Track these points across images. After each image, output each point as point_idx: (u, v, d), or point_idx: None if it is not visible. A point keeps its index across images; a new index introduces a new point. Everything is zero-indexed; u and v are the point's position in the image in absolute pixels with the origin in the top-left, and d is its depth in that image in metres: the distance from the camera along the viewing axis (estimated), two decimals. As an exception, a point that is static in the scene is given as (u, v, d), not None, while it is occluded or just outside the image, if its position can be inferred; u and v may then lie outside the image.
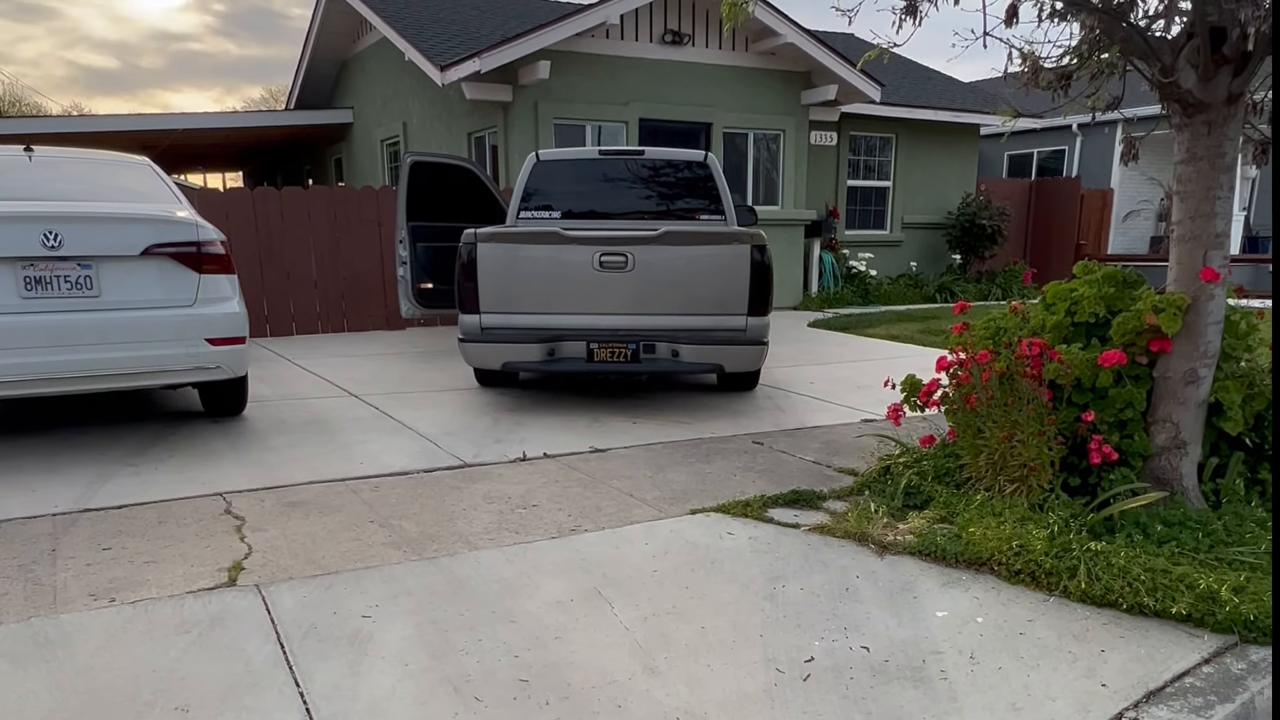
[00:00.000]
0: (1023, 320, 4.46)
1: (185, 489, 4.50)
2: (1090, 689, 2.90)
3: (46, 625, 3.04)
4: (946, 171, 16.87)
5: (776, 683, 2.92)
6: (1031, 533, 3.59)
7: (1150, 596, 3.23)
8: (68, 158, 5.75)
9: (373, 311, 11.03)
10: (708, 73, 12.97)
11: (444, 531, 3.98)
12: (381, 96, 15.88)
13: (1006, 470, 4.04)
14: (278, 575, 3.48)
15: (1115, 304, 4.20)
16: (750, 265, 6.18)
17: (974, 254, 16.80)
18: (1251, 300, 4.75)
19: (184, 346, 5.02)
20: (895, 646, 3.14)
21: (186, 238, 5.04)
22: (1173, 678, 2.96)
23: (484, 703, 2.74)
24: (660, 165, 8.12)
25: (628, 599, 3.41)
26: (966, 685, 2.94)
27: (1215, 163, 3.79)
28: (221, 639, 3.01)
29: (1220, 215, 3.83)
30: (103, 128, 15.50)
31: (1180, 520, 3.71)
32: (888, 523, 4.03)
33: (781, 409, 6.65)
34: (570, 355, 6.20)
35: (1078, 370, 3.98)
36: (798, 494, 4.45)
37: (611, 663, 2.99)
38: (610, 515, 4.23)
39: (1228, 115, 3.75)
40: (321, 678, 2.82)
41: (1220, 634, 3.14)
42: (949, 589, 3.52)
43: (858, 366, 8.58)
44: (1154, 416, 4.04)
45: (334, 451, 5.26)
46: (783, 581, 3.58)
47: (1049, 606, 3.37)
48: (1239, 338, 4.12)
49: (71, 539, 3.82)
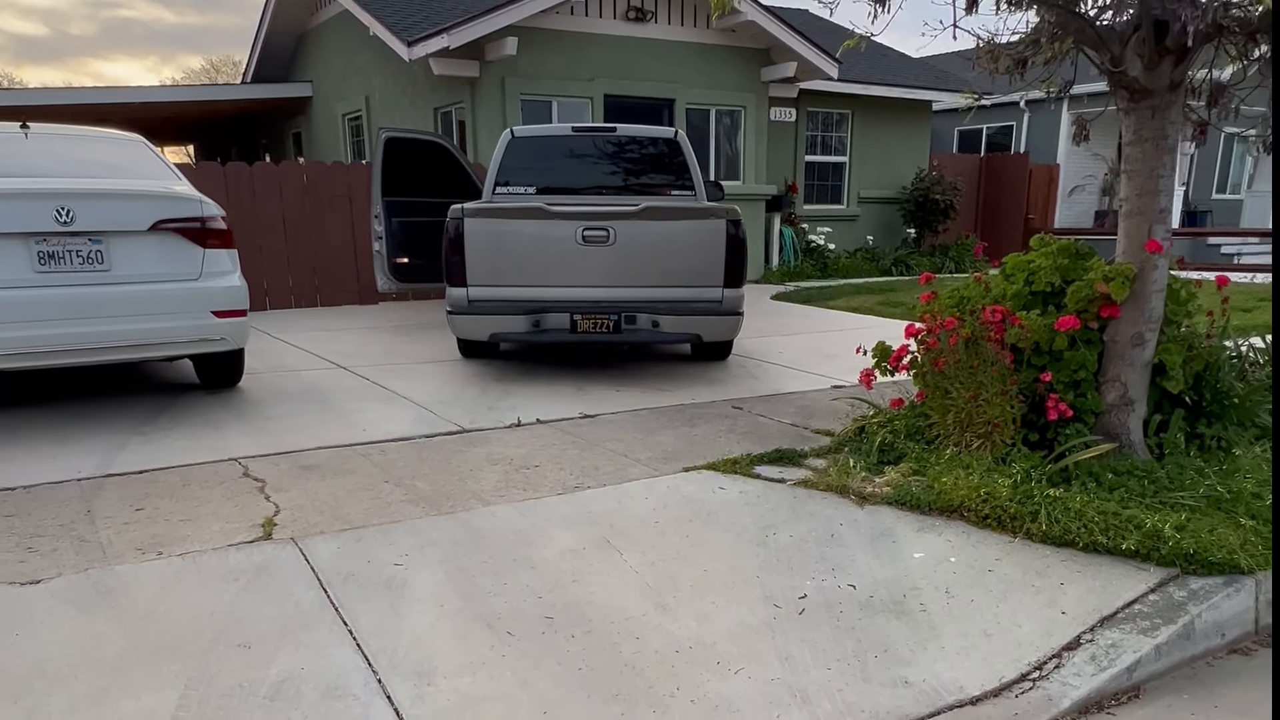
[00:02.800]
0: (985, 289, 4.82)
1: (200, 455, 4.71)
2: (1052, 616, 3.29)
3: (104, 576, 3.28)
4: (901, 147, 17.29)
5: (775, 617, 3.26)
6: (997, 482, 3.97)
7: (1103, 535, 3.62)
8: (64, 134, 5.84)
9: (345, 286, 11.16)
10: (670, 49, 13.20)
11: (456, 490, 4.26)
12: (342, 70, 15.85)
13: (973, 427, 4.41)
14: (309, 530, 3.74)
15: (1069, 274, 4.58)
16: (726, 239, 6.49)
17: (927, 228, 17.28)
18: (1190, 272, 5.15)
19: (191, 319, 5.20)
20: (879, 584, 3.50)
21: (192, 213, 5.21)
22: (1123, 605, 3.35)
23: (516, 637, 3.04)
24: (632, 141, 8.37)
25: (634, 547, 3.72)
26: (943, 616, 3.31)
27: (1159, 144, 4.17)
28: (268, 585, 3.27)
29: (1164, 192, 4.22)
30: (53, 100, 15.29)
31: (1128, 470, 4.11)
32: (865, 477, 4.38)
33: (755, 377, 6.99)
34: (555, 326, 6.47)
35: (1036, 335, 4.36)
36: (780, 453, 4.79)
37: (626, 602, 3.30)
38: (609, 474, 4.53)
39: (1170, 101, 4.12)
40: (366, 618, 3.10)
41: (1164, 567, 3.53)
42: (924, 533, 3.88)
43: (823, 337, 8.96)
44: (1104, 376, 4.43)
45: (335, 419, 5.49)
46: (774, 530, 3.92)
47: (1014, 547, 3.74)
48: (1180, 304, 4.52)
49: (103, 501, 4.03)
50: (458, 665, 2.87)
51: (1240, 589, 3.42)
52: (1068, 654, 3.12)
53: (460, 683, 2.79)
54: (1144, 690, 3.07)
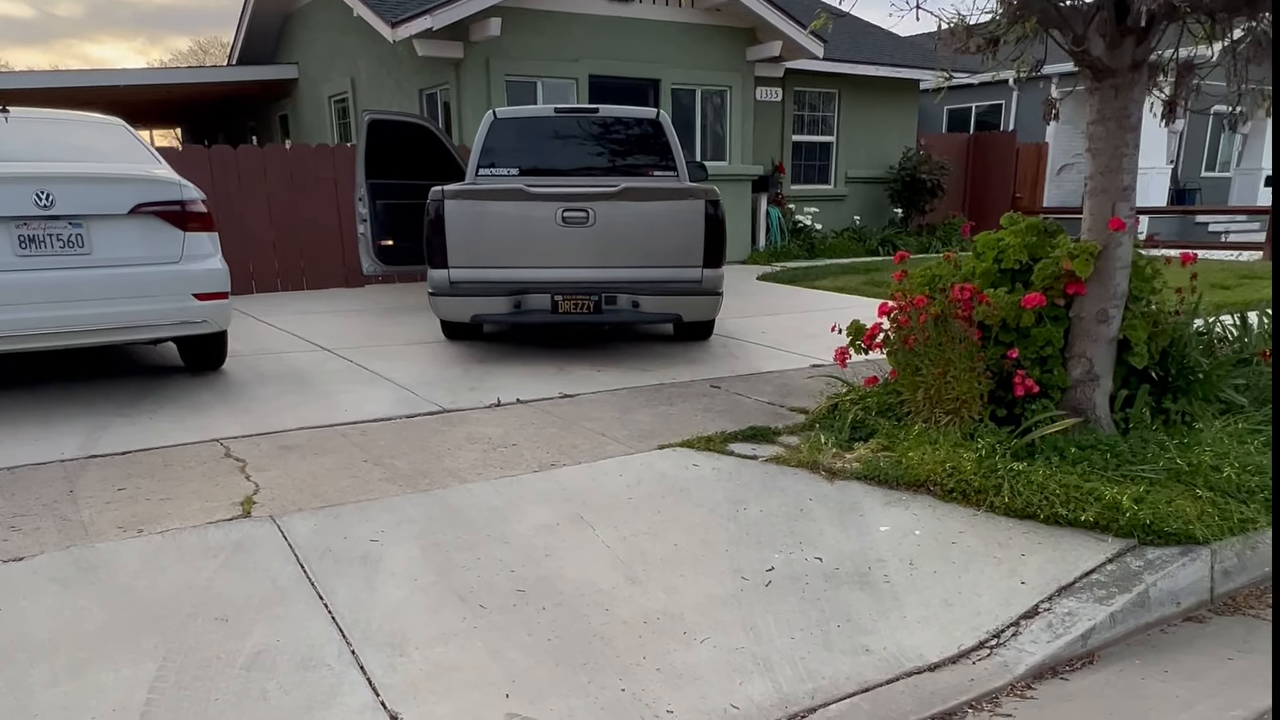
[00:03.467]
0: (955, 268, 4.90)
1: (182, 436, 4.78)
2: (1012, 586, 3.38)
3: (86, 553, 3.35)
4: (888, 127, 17.31)
5: (742, 588, 3.35)
6: (962, 457, 4.06)
7: (1064, 507, 3.71)
8: (44, 119, 5.87)
9: (331, 269, 11.19)
10: (655, 29, 13.19)
11: (434, 468, 4.33)
12: (328, 51, 15.81)
13: (942, 403, 4.50)
14: (288, 507, 3.81)
15: (1037, 252, 4.65)
16: (705, 219, 6.55)
17: (914, 208, 17.34)
18: (1169, 250, 5.23)
19: (172, 301, 5.25)
20: (845, 556, 3.59)
21: (171, 196, 5.25)
22: (1081, 575, 3.45)
23: (488, 609, 3.13)
24: (614, 122, 8.41)
25: (607, 522, 3.80)
26: (906, 586, 3.40)
27: (1122, 123, 4.23)
28: (246, 561, 3.35)
29: (1127, 170, 4.29)
30: (38, 84, 15.23)
31: (1092, 444, 4.20)
32: (836, 453, 4.47)
33: (735, 356, 7.07)
34: (536, 308, 6.53)
35: (1003, 312, 4.43)
36: (754, 430, 4.87)
37: (597, 575, 3.39)
38: (585, 452, 4.61)
39: (1133, 80, 4.18)
40: (342, 591, 3.18)
41: (1123, 538, 3.62)
42: (891, 507, 3.97)
43: (806, 317, 9.03)
44: (1071, 352, 4.51)
45: (317, 400, 5.55)
46: (744, 505, 4.00)
47: (978, 520, 3.83)
48: (1145, 280, 4.60)
49: (85, 481, 4.10)
50: (430, 636, 2.95)
51: (1195, 558, 3.51)
52: (1025, 622, 3.22)
53: (432, 653, 2.87)
54: (1098, 656, 3.16)
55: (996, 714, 2.82)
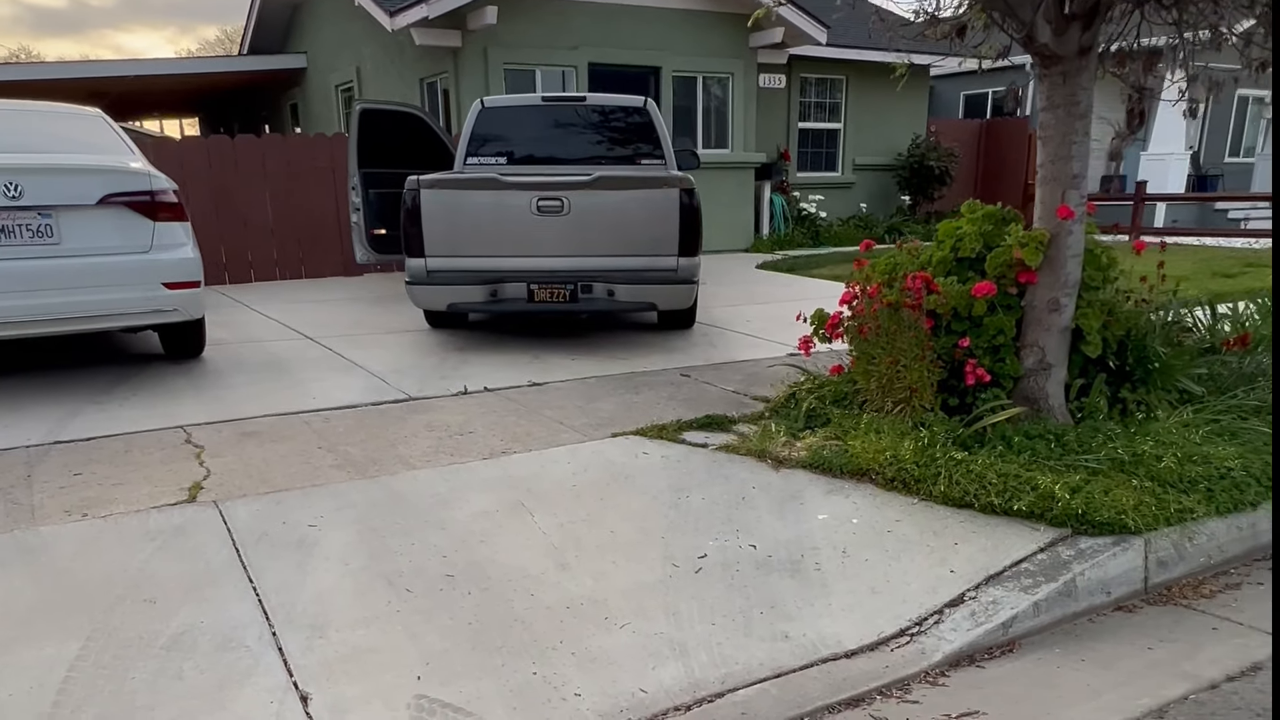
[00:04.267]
0: (914, 257, 4.89)
1: (149, 423, 4.88)
2: (941, 575, 3.40)
3: (27, 536, 3.45)
4: (897, 113, 17.17)
5: (671, 575, 3.39)
6: (904, 446, 4.07)
7: (998, 497, 3.72)
8: (22, 109, 5.98)
9: (329, 258, 11.30)
10: (655, 16, 13.16)
11: (386, 455, 4.40)
12: (335, 41, 15.91)
13: (893, 393, 4.50)
14: (233, 493, 3.89)
15: (993, 240, 4.64)
16: (679, 208, 6.56)
17: (923, 195, 17.22)
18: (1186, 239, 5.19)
19: (141, 290, 5.35)
20: (779, 544, 3.62)
21: (140, 187, 5.34)
22: (1011, 564, 3.45)
23: (414, 593, 3.19)
24: (602, 111, 8.44)
25: (547, 509, 3.85)
26: (836, 574, 3.43)
27: (1071, 110, 4.21)
28: (183, 545, 3.43)
29: (1077, 158, 4.27)
30: (51, 75, 15.45)
31: (1040, 433, 4.19)
32: (786, 441, 4.49)
33: (714, 345, 7.09)
34: (512, 296, 6.58)
35: (953, 301, 4.43)
36: (711, 418, 4.90)
37: (528, 561, 3.44)
38: (539, 439, 4.66)
39: (1080, 66, 4.16)
40: (272, 575, 3.25)
41: (1056, 527, 3.62)
42: (832, 496, 4.00)
43: (796, 305, 8.91)
44: (1023, 341, 4.50)
45: (288, 388, 5.64)
46: (687, 493, 4.04)
47: (916, 509, 3.85)
48: (1100, 269, 4.58)
49: (45, 467, 4.20)
50: (352, 619, 3.01)
51: (1128, 548, 3.51)
52: (949, 610, 3.24)
53: (351, 635, 2.94)
54: (1019, 645, 3.18)
55: (904, 700, 2.85)
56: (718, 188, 13.78)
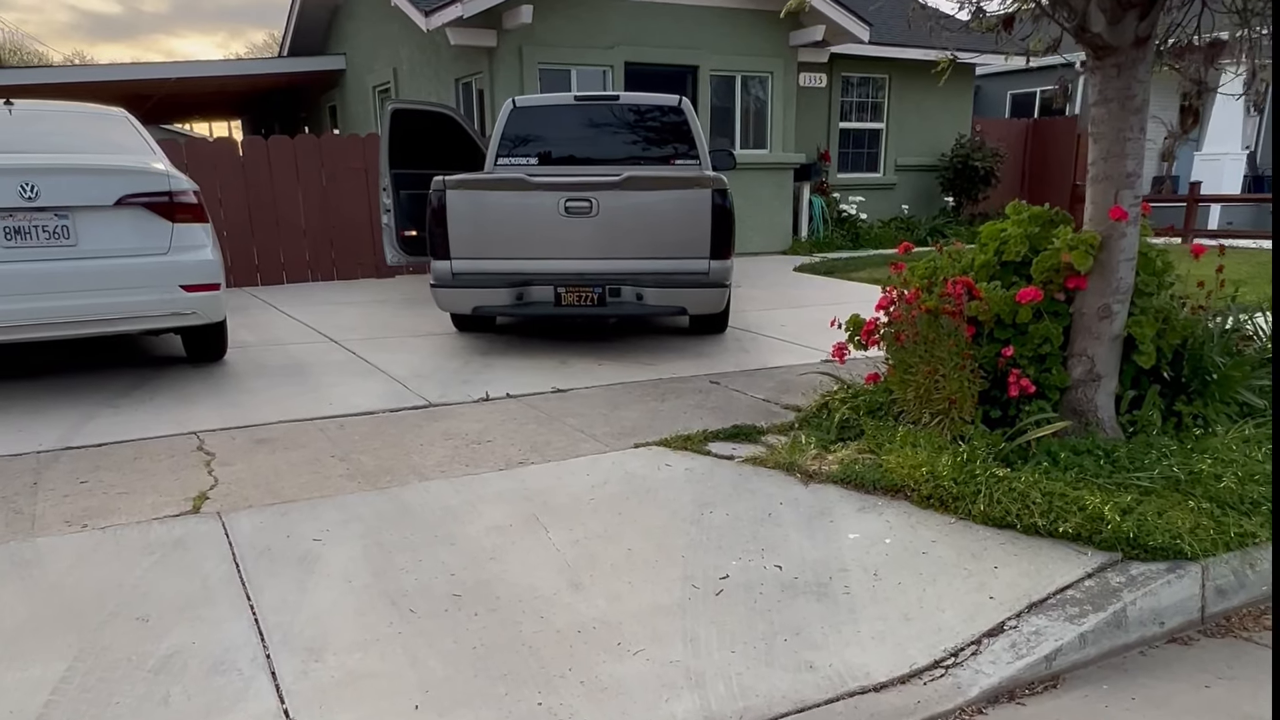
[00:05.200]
0: (953, 260, 4.65)
1: (162, 428, 4.78)
2: (979, 601, 3.17)
3: (23, 548, 3.34)
4: (941, 112, 16.80)
5: (690, 597, 3.19)
6: (941, 461, 3.83)
7: (1043, 517, 3.47)
8: (46, 110, 5.94)
9: (362, 259, 11.23)
10: (693, 14, 12.96)
11: (399, 465, 4.25)
12: (373, 42, 15.91)
13: (930, 404, 4.27)
14: (239, 504, 3.76)
15: (1039, 243, 4.38)
16: (711, 209, 6.35)
17: (967, 196, 16.83)
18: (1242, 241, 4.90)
19: (159, 293, 5.26)
20: (806, 565, 3.41)
21: (158, 188, 5.25)
22: (1055, 590, 3.22)
23: (418, 614, 3.02)
24: (635, 110, 8.27)
25: (562, 524, 3.67)
26: (866, 599, 3.21)
27: (1125, 104, 3.95)
28: (182, 559, 3.30)
29: (1131, 156, 4.00)
30: (97, 77, 15.62)
31: (1088, 448, 3.94)
32: (817, 454, 4.27)
33: (746, 350, 6.88)
34: (539, 299, 6.42)
35: (997, 307, 4.19)
36: (738, 429, 4.69)
37: (540, 580, 3.26)
38: (559, 449, 4.48)
39: (1136, 58, 3.89)
40: (271, 593, 3.11)
41: (1106, 551, 3.38)
42: (864, 513, 3.77)
43: (832, 309, 8.71)
44: (1071, 351, 4.24)
45: (307, 393, 5.52)
46: (711, 508, 3.84)
47: (953, 528, 3.62)
48: (1154, 274, 4.31)
49: (53, 473, 4.11)
50: (350, 642, 2.86)
51: (1184, 575, 3.26)
52: (988, 640, 3.01)
53: (349, 660, 2.78)
54: (1064, 679, 2.94)
55: (938, 741, 2.64)
56: (755, 189, 13.55)
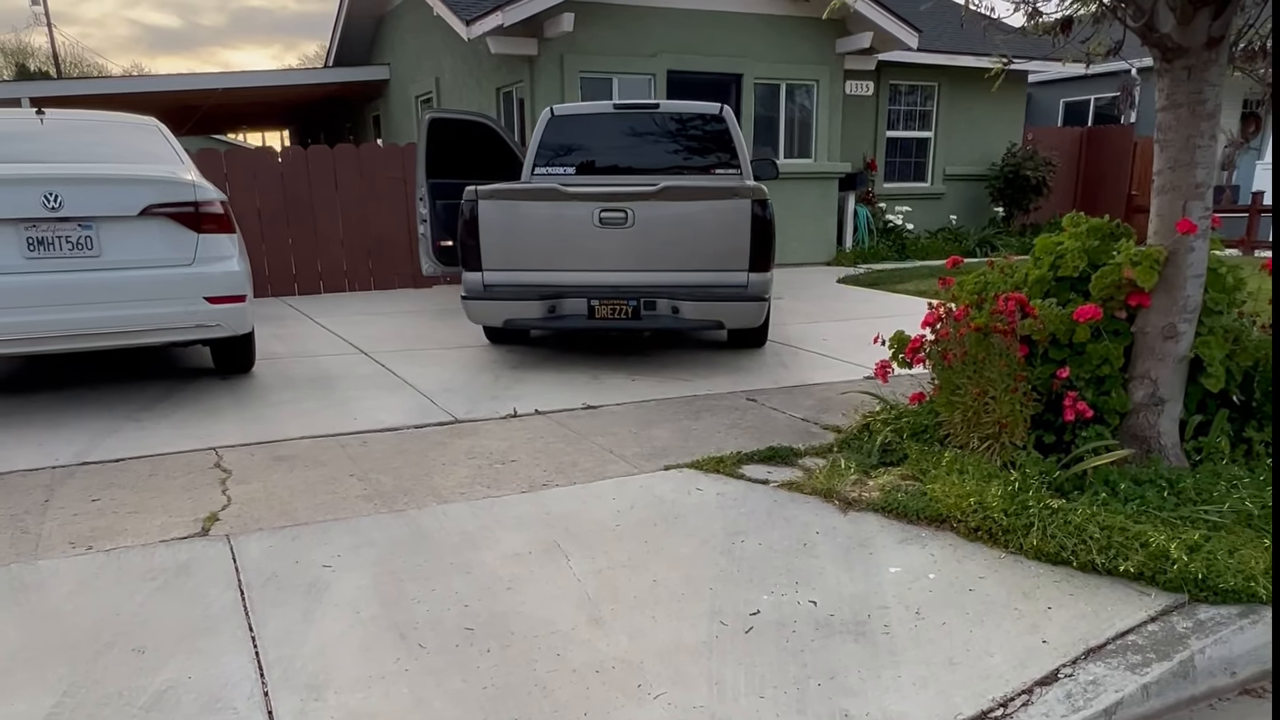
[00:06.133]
0: (1005, 275, 4.39)
1: (182, 443, 4.68)
2: (1030, 645, 2.92)
3: (24, 571, 3.22)
4: (992, 120, 16.41)
5: (718, 635, 2.98)
6: (991, 490, 3.58)
7: (1101, 554, 3.21)
8: (77, 120, 5.90)
9: (399, 269, 11.17)
10: (738, 21, 12.76)
11: (418, 485, 4.09)
12: (416, 52, 15.92)
13: (979, 427, 4.01)
14: (249, 526, 3.62)
15: (1099, 257, 4.12)
16: (751, 220, 6.14)
17: (1018, 206, 16.40)
18: None
19: (183, 305, 5.17)
20: (843, 601, 3.18)
21: (184, 198, 5.16)
22: (1115, 635, 2.95)
23: (427, 649, 2.84)
24: (676, 118, 8.09)
25: (585, 552, 3.48)
26: (907, 640, 2.97)
27: (1195, 109, 3.68)
28: (185, 586, 3.15)
29: (1201, 165, 3.73)
30: (146, 88, 15.82)
31: (1150, 478, 3.67)
32: (857, 479, 4.04)
33: (786, 366, 6.64)
34: (572, 312, 6.24)
35: (1052, 326, 3.92)
36: (774, 450, 4.47)
37: (557, 613, 3.07)
38: (585, 471, 4.30)
39: (1208, 60, 3.62)
40: (275, 623, 2.95)
41: (1171, 592, 3.11)
42: (906, 545, 3.53)
43: (876, 323, 8.46)
44: (1132, 373, 3.97)
45: (332, 408, 5.40)
46: (742, 537, 3.62)
47: (1003, 564, 3.37)
48: (1224, 291, 4.01)
49: (66, 490, 4.01)
50: (354, 679, 2.69)
51: (1258, 621, 2.99)
52: (1040, 690, 2.75)
53: (351, 698, 2.61)
54: (1125, 736, 2.69)
55: (984, 806, 2.40)
56: (799, 198, 13.29)
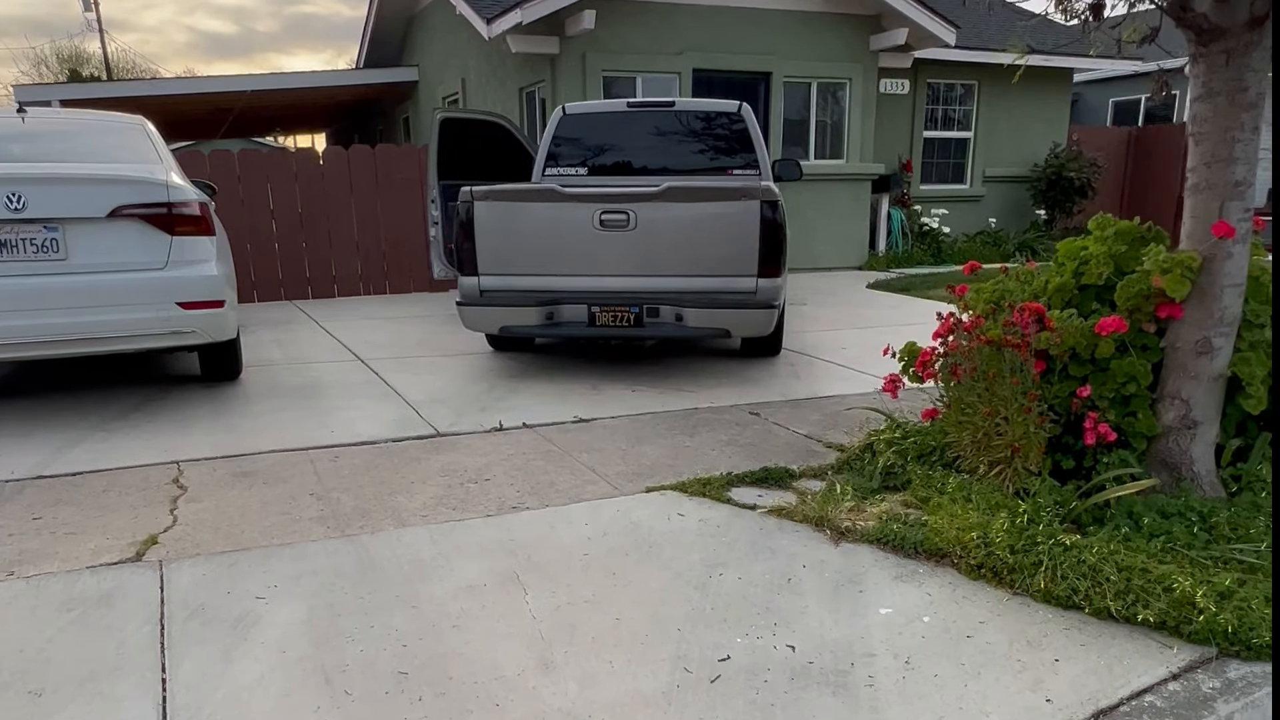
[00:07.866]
0: (1024, 282, 4.02)
1: (146, 456, 4.45)
2: (1032, 704, 2.56)
3: (-68, 600, 2.99)
4: (1034, 120, 15.83)
5: (679, 684, 2.66)
6: (996, 521, 3.22)
7: (1117, 600, 2.84)
8: (59, 119, 5.74)
9: (414, 273, 10.96)
10: (767, 18, 12.38)
11: (379, 506, 3.81)
12: (443, 53, 15.76)
13: (989, 450, 3.65)
14: (188, 550, 3.37)
15: (1127, 264, 3.73)
16: (760, 222, 5.79)
17: (1060, 209, 15.81)
18: None
19: (154, 310, 4.93)
20: (825, 647, 2.84)
21: (156, 198, 4.93)
22: (1130, 695, 2.59)
23: (352, 697, 2.56)
24: (692, 117, 7.78)
25: (545, 585, 3.18)
26: (893, 694, 2.63)
27: (1235, 99, 3.28)
28: (103, 619, 2.90)
29: (1241, 160, 3.33)
30: (172, 90, 15.83)
31: (1179, 511, 3.28)
32: (854, 506, 3.69)
33: (798, 376, 6.29)
34: (571, 319, 5.94)
35: (1072, 339, 3.55)
36: (768, 471, 4.12)
37: (504, 656, 2.77)
38: (561, 492, 3.99)
39: (1249, 42, 3.23)
40: (190, 664, 2.69)
41: (1197, 645, 2.74)
42: (900, 583, 3.19)
43: (904, 331, 8.05)
44: (1162, 392, 3.58)
45: (311, 419, 5.15)
46: (721, 569, 3.30)
47: (1007, 607, 3.01)
48: (1265, 302, 3.60)
49: (11, 508, 3.79)
50: (264, 732, 2.41)
51: (1298, 682, 2.59)
52: (1042, 760, 2.41)
53: (256, 756, 2.33)
54: (1139, 817, 2.33)
55: None
56: (829, 201, 12.88)
